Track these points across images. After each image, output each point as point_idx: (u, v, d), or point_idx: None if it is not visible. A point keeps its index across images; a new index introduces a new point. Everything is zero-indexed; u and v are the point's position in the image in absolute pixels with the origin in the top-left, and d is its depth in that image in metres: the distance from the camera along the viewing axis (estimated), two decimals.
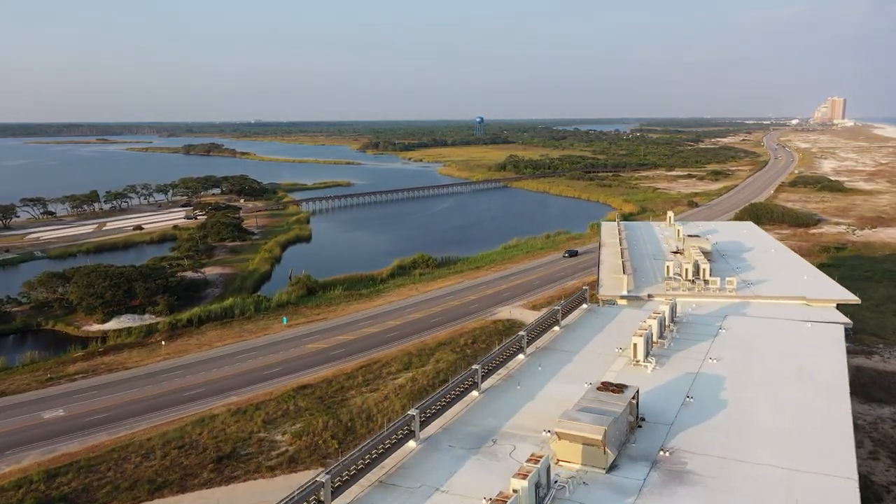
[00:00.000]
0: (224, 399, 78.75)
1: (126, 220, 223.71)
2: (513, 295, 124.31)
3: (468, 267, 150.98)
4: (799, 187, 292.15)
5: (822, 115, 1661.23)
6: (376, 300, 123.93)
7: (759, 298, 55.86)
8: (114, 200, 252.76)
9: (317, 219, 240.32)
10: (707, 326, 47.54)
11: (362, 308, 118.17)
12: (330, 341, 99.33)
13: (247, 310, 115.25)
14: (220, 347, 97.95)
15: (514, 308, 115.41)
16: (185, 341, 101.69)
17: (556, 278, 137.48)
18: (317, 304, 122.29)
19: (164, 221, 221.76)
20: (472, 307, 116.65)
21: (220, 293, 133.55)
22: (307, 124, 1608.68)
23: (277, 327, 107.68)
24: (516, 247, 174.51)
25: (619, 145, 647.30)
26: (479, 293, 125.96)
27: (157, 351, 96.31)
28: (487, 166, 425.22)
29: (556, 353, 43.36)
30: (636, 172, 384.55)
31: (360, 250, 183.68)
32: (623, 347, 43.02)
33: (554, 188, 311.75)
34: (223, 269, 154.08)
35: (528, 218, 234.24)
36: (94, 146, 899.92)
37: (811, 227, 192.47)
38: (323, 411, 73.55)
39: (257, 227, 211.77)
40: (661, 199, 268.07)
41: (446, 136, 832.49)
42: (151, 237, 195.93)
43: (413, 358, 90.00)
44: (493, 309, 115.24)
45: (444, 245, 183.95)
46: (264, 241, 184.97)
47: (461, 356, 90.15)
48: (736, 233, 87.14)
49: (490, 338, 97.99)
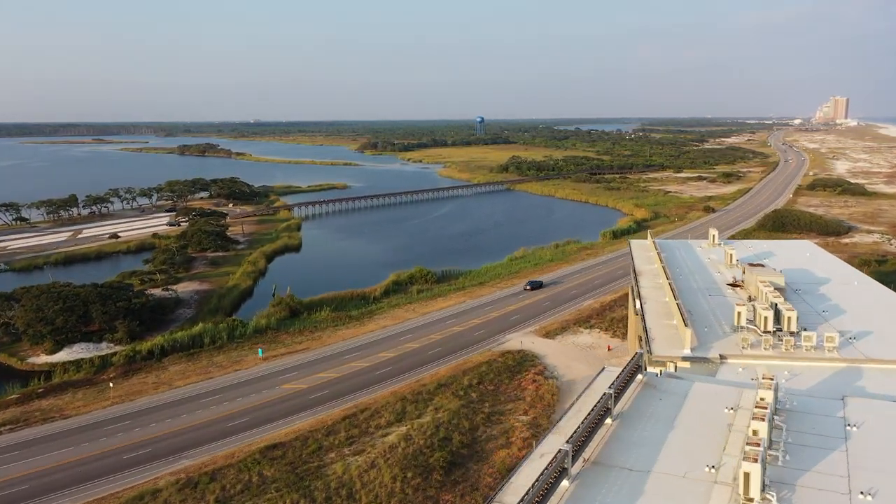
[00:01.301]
0: (174, 464, 64.01)
1: (104, 227, 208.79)
2: (523, 318, 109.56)
3: (471, 282, 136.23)
4: (818, 191, 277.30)
5: (825, 115, 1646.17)
6: (368, 324, 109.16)
7: (877, 363, 41.11)
8: (93, 205, 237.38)
9: (309, 225, 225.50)
10: (826, 420, 32.95)
11: (351, 335, 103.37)
12: (310, 380, 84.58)
13: (218, 338, 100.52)
14: (182, 388, 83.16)
15: (525, 335, 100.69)
16: (141, 379, 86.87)
17: (570, 297, 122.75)
18: (300, 329, 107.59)
19: (145, 228, 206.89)
20: (477, 334, 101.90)
21: (192, 315, 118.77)
22: (306, 124, 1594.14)
23: (251, 360, 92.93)
24: (523, 258, 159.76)
25: (623, 146, 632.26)
26: (484, 316, 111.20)
27: (105, 393, 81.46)
28: (489, 168, 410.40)
29: (616, 475, 28.81)
30: (643, 174, 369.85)
31: (354, 261, 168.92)
32: (716, 466, 28.52)
33: (559, 191, 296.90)
34: (200, 284, 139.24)
35: (534, 224, 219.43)
36: (88, 146, 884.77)
37: (842, 235, 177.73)
38: (293, 485, 58.78)
39: (244, 234, 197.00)
40: (673, 203, 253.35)
41: (446, 136, 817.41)
42: (128, 246, 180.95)
43: (408, 405, 75.25)
44: (500, 336, 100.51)
45: (444, 255, 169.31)
46: (249, 252, 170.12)
47: (465, 402, 75.45)
48: (797, 256, 72.01)
49: (499, 376, 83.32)
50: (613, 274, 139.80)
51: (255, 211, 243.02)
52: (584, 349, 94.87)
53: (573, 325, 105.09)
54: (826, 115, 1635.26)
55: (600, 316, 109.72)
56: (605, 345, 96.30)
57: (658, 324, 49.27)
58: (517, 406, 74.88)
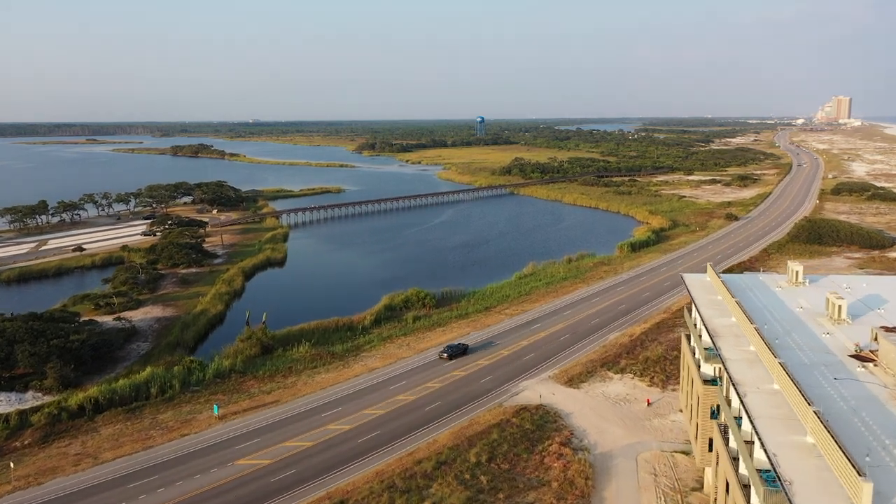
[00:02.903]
0: None
1: (72, 238, 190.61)
2: (538, 358, 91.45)
3: (475, 308, 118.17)
4: (843, 196, 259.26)
5: (827, 115, 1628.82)
6: (353, 365, 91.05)
7: None
8: (64, 212, 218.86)
9: (297, 234, 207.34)
10: None
11: (332, 381, 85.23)
12: (275, 452, 66.47)
13: (169, 387, 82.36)
14: (109, 463, 65.04)
15: (544, 383, 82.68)
16: (61, 448, 68.75)
17: (591, 327, 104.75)
18: (271, 371, 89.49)
19: (117, 239, 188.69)
20: (484, 381, 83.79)
21: (148, 349, 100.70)
22: (306, 124, 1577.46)
23: (205, 419, 74.83)
24: (533, 276, 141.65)
25: (628, 146, 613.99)
26: (491, 355, 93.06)
27: (5, 475, 63.22)
28: (490, 170, 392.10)
29: None
30: (653, 177, 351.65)
31: (342, 279, 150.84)
32: None
33: (567, 195, 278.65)
34: (164, 309, 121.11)
35: (542, 234, 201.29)
36: (80, 147, 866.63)
37: (886, 249, 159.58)
38: None
39: (223, 246, 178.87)
40: (690, 209, 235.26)
41: (446, 136, 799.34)
42: (93, 260, 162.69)
43: (396, 497, 57.07)
44: (513, 385, 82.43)
45: (444, 271, 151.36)
46: (227, 267, 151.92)
47: (473, 493, 57.37)
48: None
49: (515, 447, 65.25)
50: (638, 297, 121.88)
51: (241, 218, 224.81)
52: (616, 403, 76.82)
53: (600, 369, 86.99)
54: (828, 115, 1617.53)
55: (631, 355, 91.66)
56: (643, 396, 78.26)
57: (782, 442, 31.21)
58: (542, 497, 56.82)
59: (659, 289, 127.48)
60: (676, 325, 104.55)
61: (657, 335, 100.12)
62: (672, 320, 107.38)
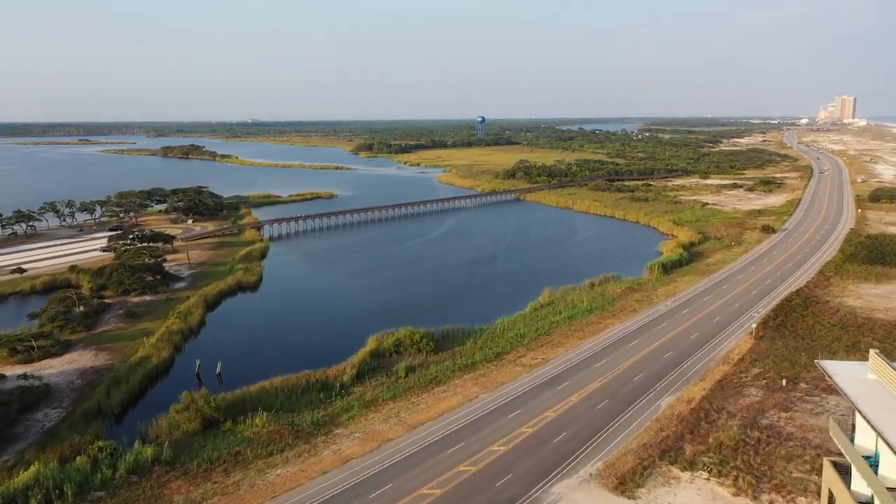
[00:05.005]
0: None
1: (16, 255, 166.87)
2: (573, 441, 67.81)
3: (484, 354, 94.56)
4: (884, 203, 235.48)
5: (830, 114, 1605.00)
6: (322, 452, 67.40)
7: None
8: (16, 224, 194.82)
9: (278, 248, 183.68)
10: None
11: (290, 482, 61.59)
12: None
13: (61, 495, 58.65)
14: None
15: (584, 487, 59.05)
16: None
17: (635, 389, 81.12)
18: (211, 459, 65.85)
19: (69, 256, 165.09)
20: (500, 484, 60.12)
21: (57, 420, 77.08)
22: (304, 124, 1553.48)
23: None
24: (551, 306, 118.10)
25: (634, 147, 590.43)
26: (508, 434, 69.42)
27: None
28: (493, 173, 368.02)
29: None
30: (668, 181, 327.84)
31: (323, 308, 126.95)
32: None
33: (578, 203, 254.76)
34: (96, 355, 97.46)
35: (556, 248, 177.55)
36: (71, 148, 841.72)
37: None
38: None
39: (190, 265, 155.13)
40: (717, 218, 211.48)
41: (446, 136, 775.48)
42: (33, 285, 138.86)
43: None
44: (542, 492, 58.74)
45: (445, 298, 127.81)
46: (188, 295, 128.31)
47: None
48: None
49: None
50: (685, 339, 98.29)
51: (216, 230, 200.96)
52: None
53: (659, 462, 63.26)
54: (831, 115, 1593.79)
55: (697, 436, 68.00)
56: None
57: None
58: None
59: (708, 327, 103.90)
60: (743, 384, 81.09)
61: (724, 401, 76.51)
62: (736, 377, 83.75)
